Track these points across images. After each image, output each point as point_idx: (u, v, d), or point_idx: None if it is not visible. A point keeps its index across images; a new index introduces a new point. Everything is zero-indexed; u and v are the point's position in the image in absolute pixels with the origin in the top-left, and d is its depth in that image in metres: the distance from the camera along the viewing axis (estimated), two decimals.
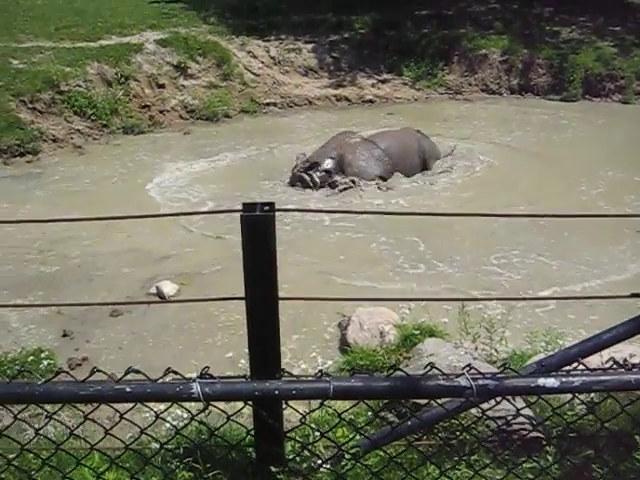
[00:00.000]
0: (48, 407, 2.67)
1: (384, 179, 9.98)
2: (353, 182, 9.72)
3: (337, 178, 9.75)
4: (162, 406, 2.27)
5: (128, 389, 1.52)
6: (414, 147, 10.48)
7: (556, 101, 15.39)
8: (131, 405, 1.74)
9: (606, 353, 3.17)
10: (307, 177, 9.72)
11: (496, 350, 4.69)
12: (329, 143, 10.39)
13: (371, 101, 15.34)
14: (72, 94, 12.58)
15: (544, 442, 3.23)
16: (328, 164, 9.88)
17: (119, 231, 8.24)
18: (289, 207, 8.62)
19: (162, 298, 6.76)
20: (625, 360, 2.15)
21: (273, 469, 2.96)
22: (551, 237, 8.10)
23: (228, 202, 9.15)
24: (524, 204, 9.02)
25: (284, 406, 2.73)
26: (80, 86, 12.84)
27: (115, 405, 1.79)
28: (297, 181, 9.85)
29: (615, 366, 1.89)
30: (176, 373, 1.63)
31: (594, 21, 18.28)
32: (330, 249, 8.00)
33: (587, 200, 9.44)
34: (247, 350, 2.93)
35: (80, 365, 5.63)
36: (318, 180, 9.72)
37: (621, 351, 3.96)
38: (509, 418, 3.00)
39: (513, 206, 8.80)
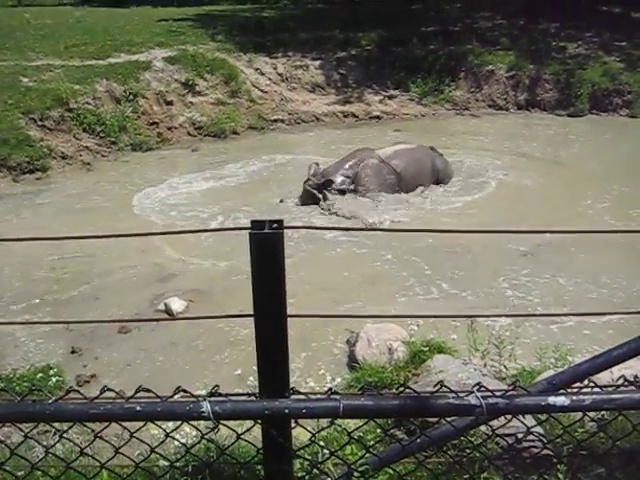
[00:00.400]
0: (57, 425, 2.67)
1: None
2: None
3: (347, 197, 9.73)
4: (171, 424, 2.27)
5: (138, 408, 1.52)
6: (429, 166, 10.47)
7: (563, 116, 15.42)
8: (141, 423, 1.74)
9: (617, 369, 3.15)
10: (320, 195, 9.68)
11: (505, 367, 4.67)
12: (346, 159, 10.29)
13: (378, 117, 15.41)
14: (81, 111, 12.69)
15: (555, 460, 3.20)
16: (342, 183, 9.83)
17: (127, 248, 8.26)
18: (298, 224, 8.63)
19: (170, 315, 6.77)
20: (636, 377, 2.14)
21: None
22: (560, 253, 8.08)
23: (237, 217, 9.20)
24: (533, 219, 9.00)
25: (293, 424, 2.72)
26: (89, 103, 12.95)
27: (125, 423, 1.80)
28: (309, 198, 9.76)
29: (626, 384, 1.88)
30: (186, 392, 1.63)
31: (600, 36, 18.34)
32: (337, 266, 7.99)
33: (593, 214, 9.42)
34: (256, 367, 2.93)
35: (88, 382, 5.63)
36: (329, 198, 9.70)
37: (631, 367, 3.94)
38: (519, 436, 2.97)
39: (522, 221, 8.78)
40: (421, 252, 8.19)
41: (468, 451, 3.34)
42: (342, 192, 9.79)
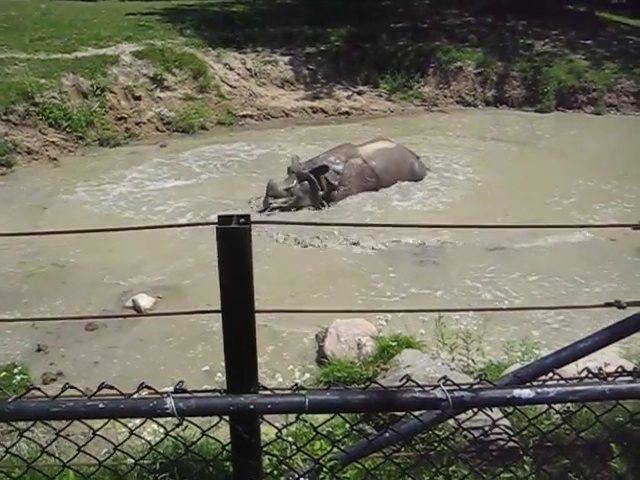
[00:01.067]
0: (21, 424, 2.62)
1: None
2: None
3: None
4: (138, 421, 2.24)
5: (101, 405, 1.50)
6: (407, 169, 10.51)
7: (530, 113, 15.58)
8: (105, 422, 1.72)
9: (582, 362, 3.19)
10: (315, 180, 9.57)
11: (473, 361, 4.71)
12: (332, 153, 10.16)
13: (347, 113, 15.41)
14: (47, 106, 12.47)
15: (521, 452, 3.23)
16: (333, 178, 9.73)
17: (95, 244, 8.14)
18: (266, 219, 8.61)
19: (139, 311, 6.70)
20: (600, 369, 2.16)
21: None
22: (528, 250, 8.18)
23: (208, 213, 9.14)
24: (500, 215, 9.09)
25: (261, 420, 2.71)
26: (55, 98, 12.74)
27: (90, 421, 1.77)
28: (298, 180, 9.52)
29: (590, 376, 1.91)
30: (150, 388, 1.61)
31: (566, 34, 18.59)
32: (304, 262, 7.99)
33: (562, 211, 9.55)
34: (224, 363, 2.91)
35: (55, 380, 5.55)
36: (324, 185, 9.64)
37: (596, 360, 3.99)
38: (486, 429, 3.00)
39: (489, 218, 8.85)
40: (389, 249, 8.24)
41: (435, 445, 3.36)
42: (330, 185, 9.71)
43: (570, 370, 3.51)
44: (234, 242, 2.84)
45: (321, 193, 9.63)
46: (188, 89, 14.63)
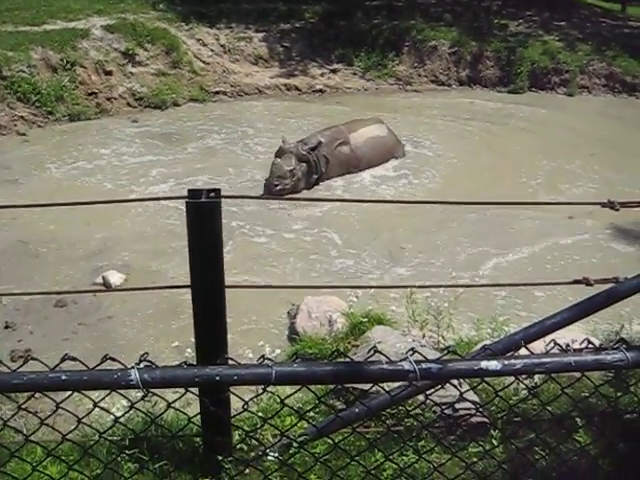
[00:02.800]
0: None
1: None
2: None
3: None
4: (104, 395, 2.21)
5: (64, 377, 1.47)
6: (389, 158, 10.53)
7: (504, 93, 15.62)
8: (68, 394, 1.69)
9: (549, 339, 3.22)
10: (313, 162, 9.54)
11: (443, 337, 4.75)
12: (322, 135, 9.97)
13: (321, 91, 15.30)
14: (15, 79, 12.20)
15: (489, 427, 3.27)
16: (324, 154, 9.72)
17: (63, 220, 8.03)
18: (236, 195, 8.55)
19: (108, 287, 6.64)
20: (567, 345, 2.19)
21: (220, 458, 2.93)
22: (499, 227, 8.24)
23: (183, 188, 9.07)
24: (471, 194, 9.13)
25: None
26: (24, 72, 12.46)
27: (55, 396, 1.74)
28: (298, 160, 9.44)
29: (557, 349, 1.92)
30: (114, 360, 1.59)
31: (540, 15, 18.63)
32: (277, 241, 7.98)
33: (530, 192, 9.64)
34: (194, 339, 2.89)
35: (22, 357, 5.48)
36: (320, 162, 9.62)
37: (564, 337, 4.04)
38: (454, 403, 3.03)
39: (459, 197, 8.89)
40: (363, 227, 8.25)
41: (405, 420, 3.39)
42: (325, 159, 9.73)
43: (539, 347, 3.55)
44: (204, 216, 2.81)
45: (315, 177, 9.59)
46: (160, 64, 14.40)
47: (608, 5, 21.54)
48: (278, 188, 9.15)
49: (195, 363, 2.75)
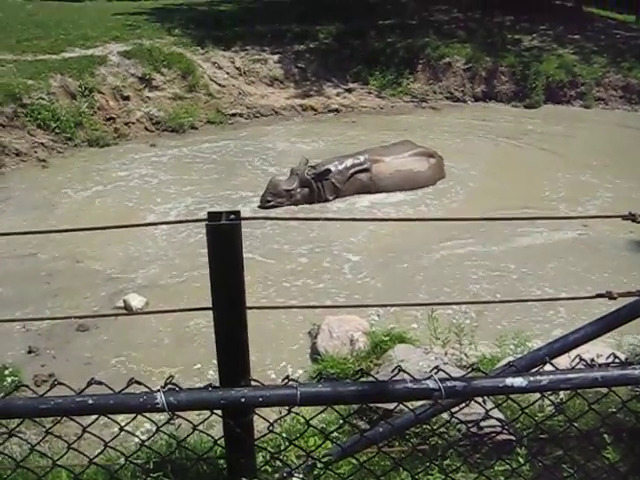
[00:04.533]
0: (13, 424, 2.59)
1: None
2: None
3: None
4: (130, 419, 2.22)
5: (90, 401, 1.48)
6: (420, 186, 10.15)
7: (520, 108, 15.60)
8: (95, 418, 1.70)
9: (574, 354, 3.19)
10: (316, 188, 9.51)
11: (466, 355, 4.71)
12: (348, 159, 9.89)
13: (337, 110, 15.38)
14: (35, 107, 12.38)
15: (515, 444, 3.23)
16: (337, 181, 9.64)
17: (85, 244, 8.10)
18: (256, 216, 8.60)
19: (130, 311, 6.68)
20: (592, 360, 2.17)
21: None
22: (519, 244, 8.19)
23: (202, 210, 9.13)
24: (496, 209, 9.08)
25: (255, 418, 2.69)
26: (43, 99, 12.65)
27: (81, 420, 1.75)
28: (300, 184, 9.48)
29: (582, 365, 1.90)
30: (139, 383, 1.59)
31: (554, 29, 18.64)
32: (295, 261, 7.98)
33: (553, 205, 9.59)
34: (216, 361, 2.89)
35: (46, 381, 5.52)
36: (324, 193, 9.57)
37: (588, 352, 4.00)
38: (479, 421, 3.00)
39: (485, 213, 8.85)
40: (382, 244, 8.24)
41: (430, 438, 3.36)
42: (334, 187, 9.65)
43: (563, 362, 3.52)
44: (224, 238, 2.82)
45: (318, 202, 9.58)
46: (177, 88, 14.57)
47: (622, 17, 21.51)
48: (269, 204, 9.29)
49: (218, 385, 2.75)
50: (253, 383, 1.75)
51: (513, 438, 3.38)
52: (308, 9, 18.82)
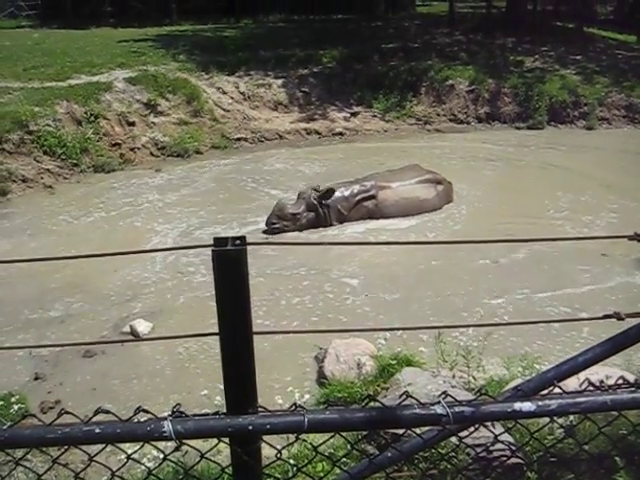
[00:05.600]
0: (18, 454, 2.58)
1: None
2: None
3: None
4: (137, 447, 2.21)
5: (97, 430, 1.47)
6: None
7: (523, 129, 15.66)
8: (102, 447, 1.69)
9: (582, 375, 3.17)
10: (322, 214, 9.49)
11: (474, 377, 4.68)
12: (355, 186, 9.85)
13: (341, 134, 15.47)
14: (41, 134, 12.50)
15: (525, 468, 3.20)
16: (341, 208, 9.62)
17: (90, 268, 8.13)
18: (263, 241, 8.61)
19: (136, 337, 6.66)
20: (601, 382, 2.15)
21: None
22: (527, 263, 8.17)
23: (206, 235, 9.17)
24: (499, 235, 9.06)
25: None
26: (49, 125, 12.78)
27: (88, 448, 1.74)
28: (307, 209, 9.47)
29: (591, 388, 1.89)
30: (147, 412, 1.59)
31: (555, 50, 18.78)
32: (301, 284, 7.97)
33: (557, 225, 9.59)
34: (222, 387, 2.88)
35: (53, 408, 5.50)
36: (330, 214, 9.55)
37: (597, 373, 3.97)
38: (488, 445, 2.97)
39: (490, 235, 8.84)
40: (389, 269, 8.23)
41: (439, 463, 3.33)
42: (339, 212, 9.63)
43: (571, 384, 3.49)
44: (230, 264, 2.83)
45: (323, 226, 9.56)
46: (182, 114, 14.70)
47: (623, 37, 21.65)
48: (275, 227, 9.29)
49: (225, 411, 2.74)
50: (260, 409, 1.75)
51: (523, 462, 3.35)
52: (311, 34, 19.05)
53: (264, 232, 9.33)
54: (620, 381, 2.04)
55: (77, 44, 18.13)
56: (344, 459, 3.50)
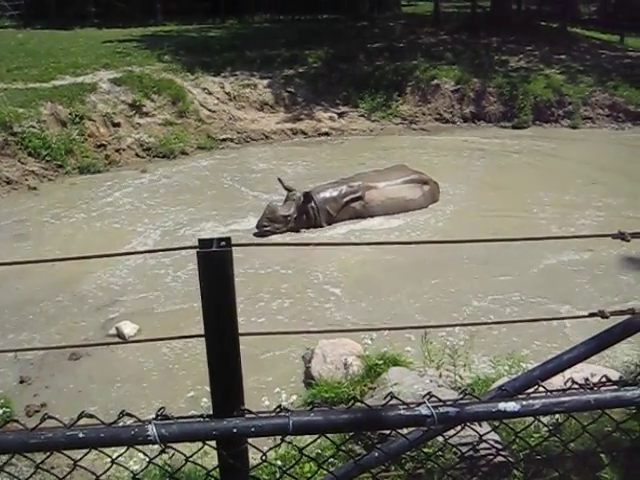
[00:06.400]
0: (4, 458, 2.56)
1: None
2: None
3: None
4: (123, 450, 2.19)
5: (81, 435, 1.46)
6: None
7: (508, 128, 15.73)
8: (87, 451, 1.68)
9: (568, 373, 3.18)
10: (312, 212, 9.51)
11: (460, 376, 4.70)
12: (338, 188, 9.86)
13: (327, 134, 15.46)
14: (26, 135, 12.40)
15: (511, 467, 3.22)
16: (323, 211, 9.65)
17: (73, 271, 8.07)
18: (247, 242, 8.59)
19: (122, 339, 6.63)
20: (586, 380, 2.16)
21: None
22: (510, 263, 8.20)
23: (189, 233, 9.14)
24: (483, 235, 9.09)
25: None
26: (34, 127, 12.68)
27: (73, 451, 1.73)
28: (297, 212, 9.50)
29: (575, 386, 1.90)
30: (131, 415, 1.58)
31: (540, 50, 18.87)
32: (286, 283, 7.97)
33: (542, 224, 9.64)
34: (209, 388, 2.87)
35: (38, 412, 5.47)
36: (320, 216, 9.58)
37: (582, 371, 3.99)
38: (475, 444, 2.98)
39: (472, 233, 8.89)
40: (372, 268, 8.24)
41: (425, 463, 3.34)
42: (328, 214, 9.66)
43: (557, 382, 3.51)
44: (215, 265, 2.82)
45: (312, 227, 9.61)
46: (167, 114, 14.63)
47: (606, 37, 21.80)
48: (266, 229, 9.29)
49: (211, 412, 2.73)
50: (246, 412, 1.74)
51: (510, 460, 3.36)
52: (297, 34, 19.04)
53: (255, 235, 9.31)
54: (604, 379, 2.05)
55: (61, 45, 18.01)
56: (332, 459, 3.50)
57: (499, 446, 3.38)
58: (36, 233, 9.77)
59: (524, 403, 1.61)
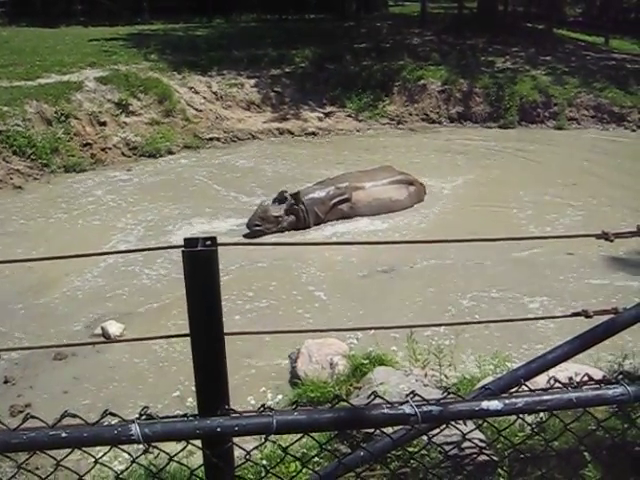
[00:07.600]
0: None
1: None
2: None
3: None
4: (107, 450, 2.18)
5: (64, 434, 1.46)
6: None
7: (494, 128, 15.80)
8: (70, 451, 1.67)
9: (552, 372, 3.21)
10: (301, 214, 9.55)
11: (446, 376, 4.72)
12: (326, 189, 9.94)
13: (314, 133, 15.46)
14: (10, 134, 12.29)
15: (496, 465, 3.23)
16: (322, 208, 9.72)
17: (60, 271, 8.04)
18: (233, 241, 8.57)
19: (108, 338, 6.60)
20: (570, 379, 2.17)
21: None
22: (495, 265, 8.25)
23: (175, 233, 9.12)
24: (466, 234, 9.14)
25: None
26: (19, 125, 12.58)
27: (56, 451, 1.72)
28: (287, 212, 9.53)
29: (558, 385, 1.91)
30: (114, 415, 1.57)
31: (526, 51, 18.99)
32: (273, 283, 7.97)
33: (521, 224, 9.69)
34: (194, 388, 2.87)
35: (22, 412, 5.43)
36: (309, 217, 9.62)
37: (567, 370, 4.02)
38: (459, 442, 3.00)
39: (453, 234, 8.92)
40: (357, 268, 8.25)
41: (410, 462, 3.35)
42: (317, 215, 9.70)
43: (542, 381, 3.53)
44: (201, 265, 2.81)
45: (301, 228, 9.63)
46: (154, 113, 14.58)
47: (591, 38, 21.95)
48: (257, 229, 9.31)
49: (196, 412, 2.73)
50: (231, 411, 1.74)
51: (494, 459, 3.38)
52: (284, 33, 19.02)
53: (245, 235, 9.30)
54: (585, 378, 2.07)
55: (47, 43, 17.89)
56: (317, 459, 3.51)
57: (483, 445, 3.40)
58: (20, 232, 9.70)
59: (507, 402, 1.62)
